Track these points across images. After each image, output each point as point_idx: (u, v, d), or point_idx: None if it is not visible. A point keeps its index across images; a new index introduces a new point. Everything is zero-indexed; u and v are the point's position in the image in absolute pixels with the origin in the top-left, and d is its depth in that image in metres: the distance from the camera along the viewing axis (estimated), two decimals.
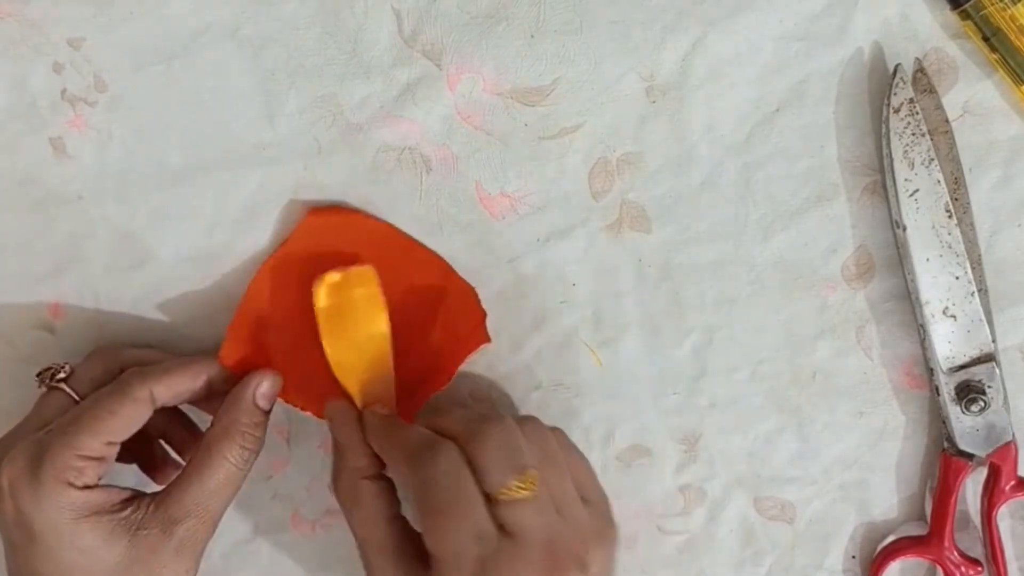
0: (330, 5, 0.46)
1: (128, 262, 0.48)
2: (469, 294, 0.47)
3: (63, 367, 0.46)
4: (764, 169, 0.46)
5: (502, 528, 0.39)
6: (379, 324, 0.45)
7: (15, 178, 0.48)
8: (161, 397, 0.44)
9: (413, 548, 0.42)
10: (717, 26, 0.45)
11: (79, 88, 0.47)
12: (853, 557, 0.49)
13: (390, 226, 0.47)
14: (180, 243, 0.48)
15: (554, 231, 0.47)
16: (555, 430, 0.43)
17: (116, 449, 0.43)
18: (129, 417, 0.43)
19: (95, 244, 0.48)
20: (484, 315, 0.47)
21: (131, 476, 0.49)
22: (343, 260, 0.46)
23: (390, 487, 0.43)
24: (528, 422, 0.42)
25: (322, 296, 0.45)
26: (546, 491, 0.40)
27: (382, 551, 0.42)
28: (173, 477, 0.44)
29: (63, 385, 0.45)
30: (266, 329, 0.47)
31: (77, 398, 0.45)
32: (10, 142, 0.48)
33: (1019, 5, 0.43)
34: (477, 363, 0.48)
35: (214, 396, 0.46)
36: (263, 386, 0.45)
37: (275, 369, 0.46)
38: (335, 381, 0.45)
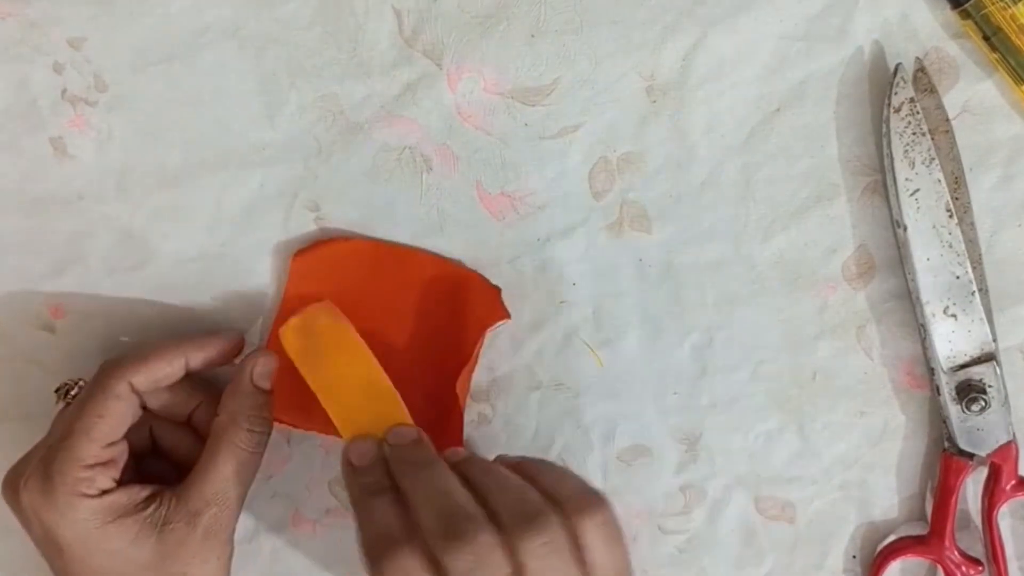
0: (330, 5, 0.46)
1: (128, 262, 0.48)
2: (475, 279, 0.47)
3: (77, 383, 0.46)
4: (764, 169, 0.46)
5: None
6: (356, 350, 0.44)
7: (15, 178, 0.48)
8: (141, 386, 0.44)
9: None
10: (717, 26, 0.45)
11: (79, 88, 0.47)
12: (854, 557, 0.49)
13: (375, 241, 0.47)
14: (180, 243, 0.48)
15: (554, 231, 0.47)
16: (596, 501, 0.40)
17: (121, 448, 0.44)
18: (117, 415, 0.43)
19: (95, 244, 0.48)
20: (498, 291, 0.47)
21: None
22: (343, 288, 0.47)
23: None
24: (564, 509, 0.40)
25: (290, 340, 0.44)
26: None
27: None
28: None
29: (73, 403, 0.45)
30: (290, 370, 0.46)
31: None
32: (10, 142, 0.48)
33: (1019, 5, 0.43)
34: (479, 363, 0.48)
35: (196, 377, 0.46)
36: (258, 366, 0.45)
37: (303, 406, 0.45)
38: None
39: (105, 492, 0.42)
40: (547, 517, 0.39)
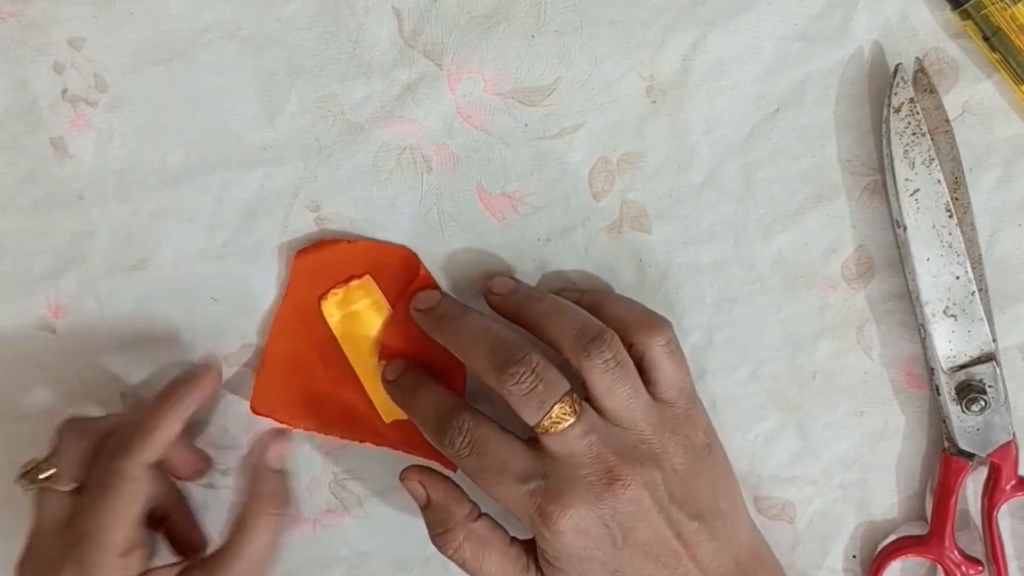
0: (330, 5, 0.46)
1: (128, 262, 0.48)
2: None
3: (45, 463, 0.44)
4: (764, 169, 0.46)
5: (553, 455, 0.41)
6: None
7: (15, 178, 0.48)
8: (151, 460, 0.44)
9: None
10: (717, 26, 0.45)
11: (80, 88, 0.47)
12: (854, 557, 0.49)
13: (376, 242, 0.47)
14: (180, 243, 0.48)
15: (554, 231, 0.47)
16: (659, 323, 0.43)
17: (143, 528, 0.44)
18: (140, 497, 0.43)
19: (95, 244, 0.48)
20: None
21: None
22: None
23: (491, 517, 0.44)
24: (599, 331, 0.41)
25: (333, 312, 0.47)
26: (594, 407, 0.41)
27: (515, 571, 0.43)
28: (199, 545, 0.46)
29: (53, 485, 0.44)
30: (294, 372, 0.48)
31: (73, 488, 0.43)
32: (10, 142, 0.48)
33: (1019, 5, 0.43)
34: None
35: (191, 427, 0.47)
36: (273, 451, 0.46)
37: (309, 407, 0.47)
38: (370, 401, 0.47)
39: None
40: (606, 335, 0.41)
